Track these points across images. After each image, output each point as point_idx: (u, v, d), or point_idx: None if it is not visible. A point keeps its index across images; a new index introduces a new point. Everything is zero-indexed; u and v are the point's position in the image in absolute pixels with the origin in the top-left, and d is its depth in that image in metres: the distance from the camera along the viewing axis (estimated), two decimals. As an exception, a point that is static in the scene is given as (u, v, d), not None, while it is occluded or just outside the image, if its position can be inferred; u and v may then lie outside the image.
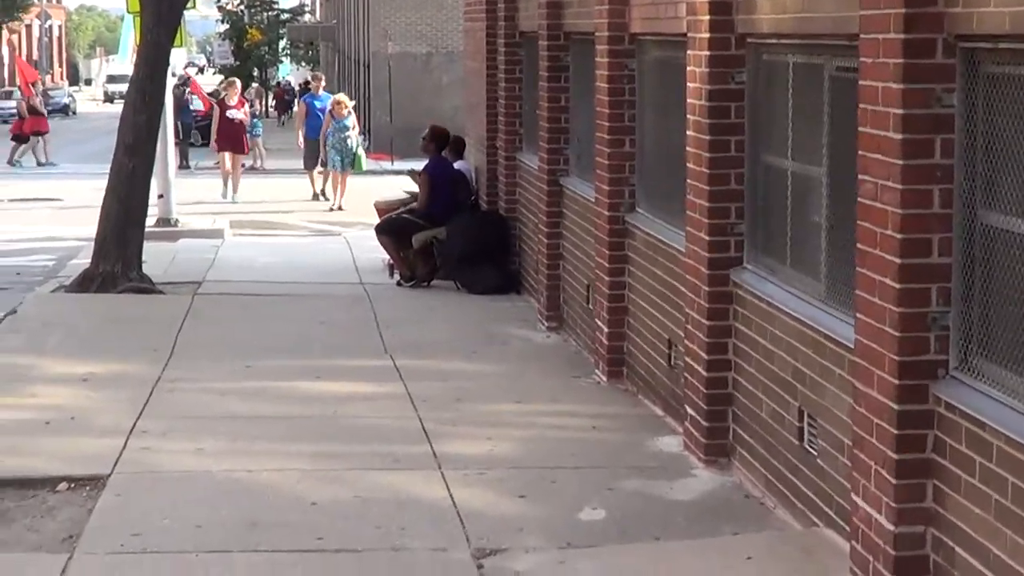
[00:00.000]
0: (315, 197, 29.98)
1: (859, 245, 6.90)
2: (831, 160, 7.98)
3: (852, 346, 7.24)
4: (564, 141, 14.65)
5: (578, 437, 10.36)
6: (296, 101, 67.97)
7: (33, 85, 46.28)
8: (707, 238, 9.27)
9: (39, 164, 42.16)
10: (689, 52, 9.50)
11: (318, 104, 30.34)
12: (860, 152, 6.86)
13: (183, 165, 40.52)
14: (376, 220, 19.11)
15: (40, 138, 43.21)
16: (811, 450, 8.14)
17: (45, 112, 45.47)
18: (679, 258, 10.47)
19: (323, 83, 33.69)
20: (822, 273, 8.15)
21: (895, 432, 6.63)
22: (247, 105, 32.38)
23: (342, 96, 30.09)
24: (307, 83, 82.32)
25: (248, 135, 41.54)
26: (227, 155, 30.52)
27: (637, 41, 11.79)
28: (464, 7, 20.55)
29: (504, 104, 17.34)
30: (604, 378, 12.24)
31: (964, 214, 6.46)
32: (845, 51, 7.65)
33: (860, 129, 6.82)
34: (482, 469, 9.43)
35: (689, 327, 9.69)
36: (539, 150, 15.06)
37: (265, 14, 69.66)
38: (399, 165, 34.09)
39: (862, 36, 6.78)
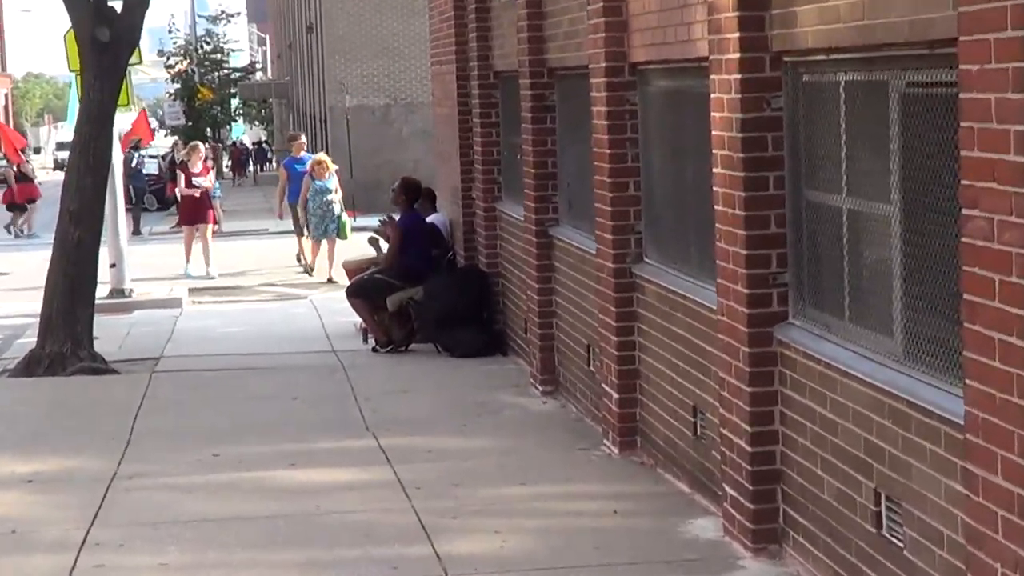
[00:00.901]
0: (306, 269, 26.14)
1: (967, 296, 5.59)
2: (904, 193, 6.69)
3: (955, 420, 5.94)
4: (552, 188, 13.37)
5: (599, 525, 9.02)
6: (250, 161, 66.76)
7: (22, 151, 44.38)
8: (745, 291, 7.96)
9: (17, 236, 40.40)
10: (713, 77, 8.23)
11: (300, 168, 26.32)
12: (965, 181, 5.55)
13: (136, 232, 39.15)
14: (345, 282, 17.80)
15: (30, 206, 41.63)
16: (894, 539, 6.82)
17: (35, 178, 43.70)
18: (702, 314, 9.18)
19: (304, 145, 28.36)
20: (896, 328, 6.85)
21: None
22: (212, 172, 28.97)
23: (323, 156, 26.46)
24: (261, 143, 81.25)
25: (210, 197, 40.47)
26: (194, 228, 27.31)
27: (639, 71, 10.53)
28: (431, 50, 19.26)
29: (480, 151, 16.05)
30: (615, 450, 10.91)
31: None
32: (920, 62, 6.38)
33: (964, 153, 5.51)
34: (495, 572, 8.08)
35: (725, 394, 8.37)
36: (524, 199, 13.77)
37: (216, 74, 68.37)
38: (362, 221, 32.66)
39: (962, 39, 5.48)
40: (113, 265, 22.32)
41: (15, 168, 42.64)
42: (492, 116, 15.90)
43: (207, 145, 50.52)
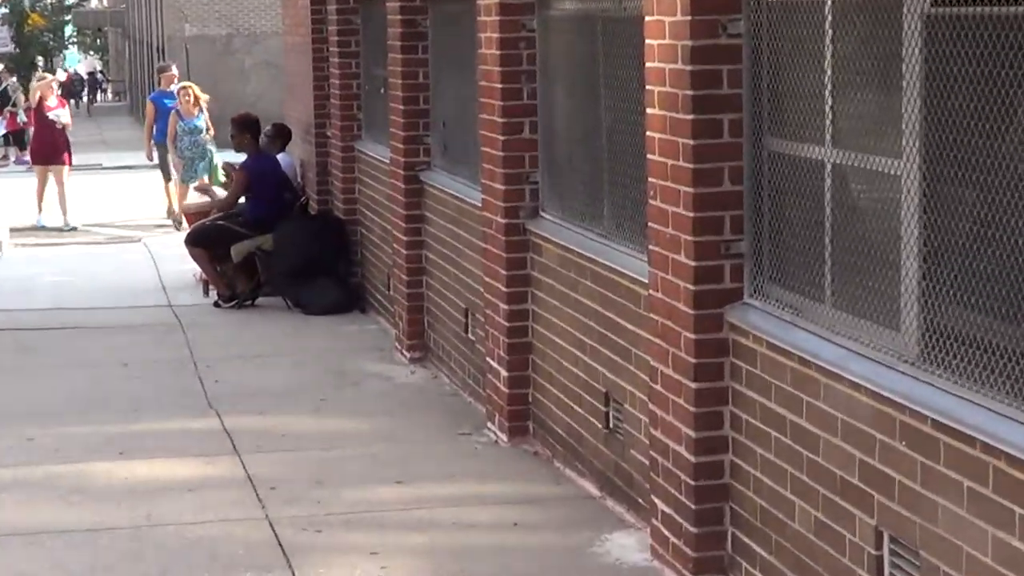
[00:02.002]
0: (174, 222, 21.42)
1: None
2: (924, 145, 5.13)
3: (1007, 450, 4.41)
4: (424, 127, 11.69)
5: (497, 542, 7.43)
6: (84, 91, 63.93)
7: None
8: (692, 263, 6.35)
9: None
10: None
11: (169, 103, 21.90)
12: None
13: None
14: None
15: None
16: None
17: None
18: (620, 284, 7.60)
19: (176, 77, 23.30)
20: (908, 318, 5.31)
21: None
22: (66, 107, 24.36)
23: (191, 84, 21.74)
24: (95, 73, 78.12)
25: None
26: (47, 169, 23.34)
27: (539, -8, 8.90)
28: (281, -29, 17.44)
29: (338, 84, 14.30)
30: (503, 436, 9.31)
31: None
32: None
33: None
34: (375, 614, 6.47)
35: (658, 388, 6.78)
36: (391, 139, 12.08)
37: (49, 0, 65.36)
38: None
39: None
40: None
41: None
42: (351, 45, 14.16)
43: (39, 74, 48.05)
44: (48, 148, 23.54)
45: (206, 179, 19.48)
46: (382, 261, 13.36)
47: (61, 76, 24.97)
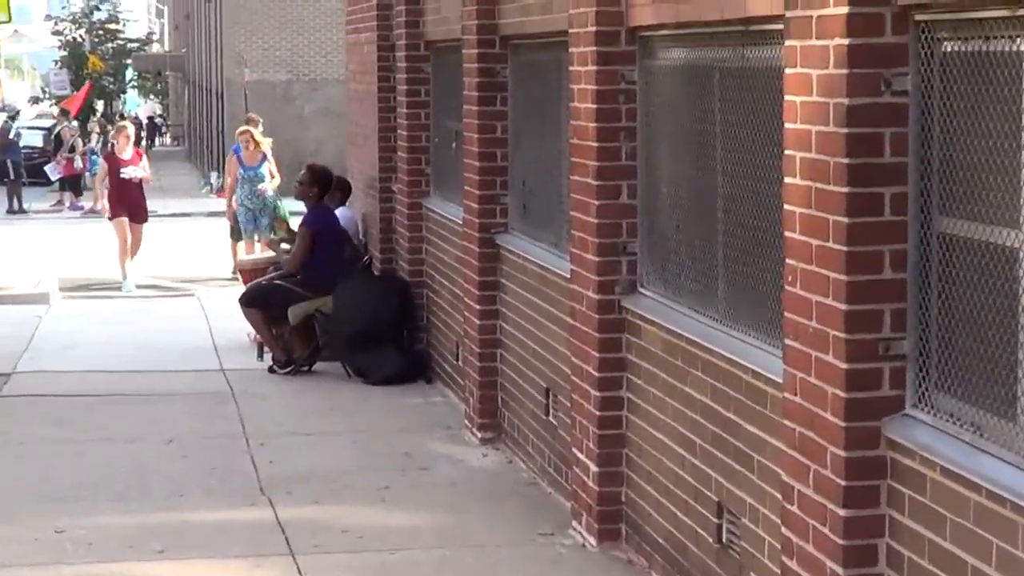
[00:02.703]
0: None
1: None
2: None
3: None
4: (501, 186, 10.67)
5: None
6: (144, 135, 63.39)
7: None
8: (843, 365, 5.26)
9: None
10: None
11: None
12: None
13: (15, 209, 35.98)
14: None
15: None
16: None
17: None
18: (740, 377, 6.54)
19: (259, 128, 20.93)
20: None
21: None
22: (144, 159, 21.57)
23: (253, 129, 20.10)
24: (153, 117, 77.72)
25: (88, 173, 37.29)
26: (124, 222, 20.80)
27: (639, 38, 7.84)
28: (347, 15, 16.47)
29: (406, 135, 13.31)
30: (591, 539, 8.22)
31: None
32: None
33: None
34: None
35: (794, 509, 5.67)
36: (464, 197, 11.05)
37: (110, 44, 64.83)
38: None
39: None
40: (-32, 254, 19.38)
41: None
42: (421, 94, 13.19)
43: (95, 118, 47.38)
44: (127, 203, 20.85)
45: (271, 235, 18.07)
46: (451, 328, 12.33)
47: (130, 127, 21.11)
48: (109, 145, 25.79)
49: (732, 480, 6.70)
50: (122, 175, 20.90)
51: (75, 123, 40.37)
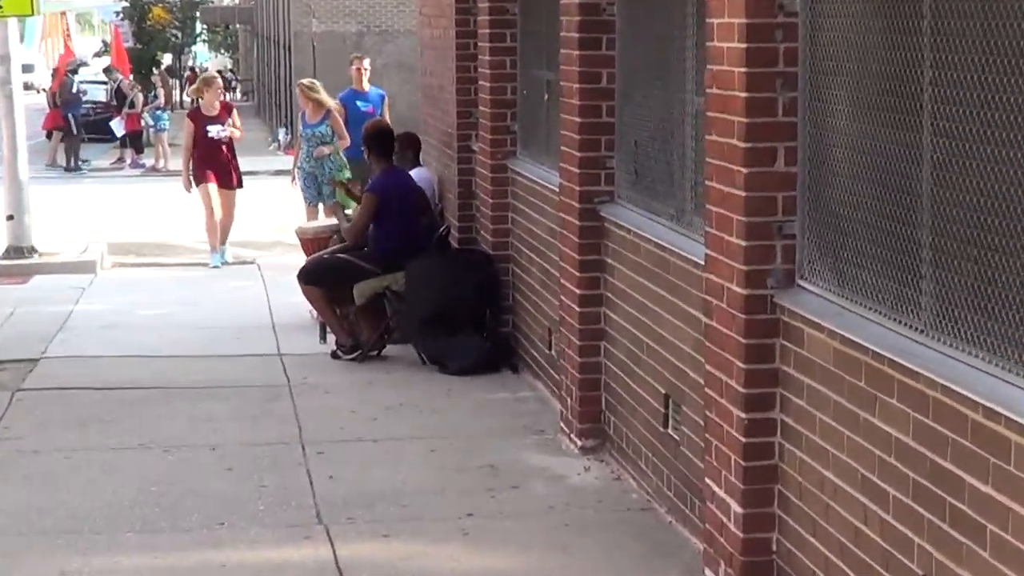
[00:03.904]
0: None
1: None
2: None
3: None
4: (607, 147, 8.88)
5: None
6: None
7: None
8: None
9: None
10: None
11: (362, 106, 17.22)
12: None
13: (72, 167, 34.46)
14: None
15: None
16: None
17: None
18: (969, 417, 4.75)
19: (367, 71, 18.08)
20: None
21: None
22: (233, 114, 18.37)
23: (313, 84, 17.09)
24: (223, 71, 76.20)
25: (152, 129, 35.64)
26: (212, 189, 17.79)
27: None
28: (419, -48, 14.70)
29: (489, 88, 11.54)
30: (731, 593, 6.47)
31: None
32: None
33: None
34: None
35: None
36: (561, 160, 9.27)
37: (176, -5, 63.20)
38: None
39: None
40: (11, 217, 17.78)
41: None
42: (507, 39, 11.40)
43: (158, 72, 45.78)
44: (215, 165, 17.82)
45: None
46: (542, 312, 10.58)
47: (218, 80, 19.29)
48: (193, 101, 23.42)
49: (946, 550, 4.92)
50: (209, 134, 17.75)
51: (131, 77, 38.63)
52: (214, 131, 17.73)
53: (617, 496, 8.26)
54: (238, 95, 73.55)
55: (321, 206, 16.19)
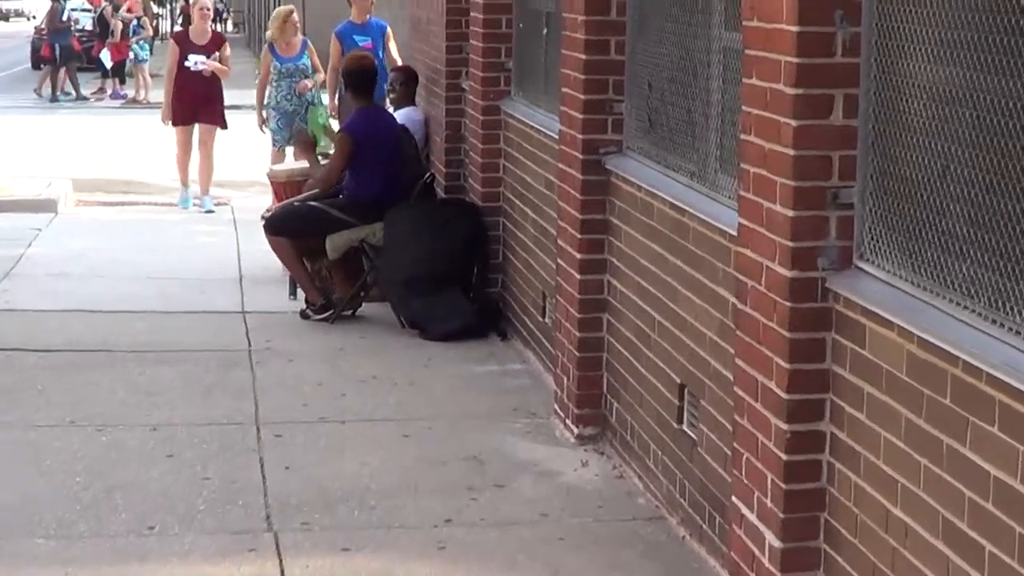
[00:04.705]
0: None
1: None
2: None
3: None
4: (615, 89, 7.62)
5: None
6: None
7: None
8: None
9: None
10: None
11: (360, 40, 14.56)
12: None
13: (54, 97, 33.03)
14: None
15: None
16: None
17: None
18: None
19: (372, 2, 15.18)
20: None
21: None
22: (224, 48, 16.56)
23: (288, 10, 15.50)
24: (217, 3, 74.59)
25: (131, 61, 34.17)
26: (192, 129, 16.33)
27: None
28: None
29: (481, 21, 10.27)
30: (762, 642, 5.26)
31: None
32: None
33: None
34: None
35: None
36: (563, 103, 8.01)
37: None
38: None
39: None
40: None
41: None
42: (502, -36, 10.14)
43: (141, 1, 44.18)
44: (196, 100, 16.12)
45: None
46: (536, 274, 9.35)
47: (207, 2, 16.59)
48: (180, 22, 21.42)
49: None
50: (187, 63, 15.97)
51: (108, 5, 37.11)
52: (192, 61, 16.18)
53: (621, 500, 7.05)
54: (229, 27, 71.96)
55: (291, 149, 14.83)
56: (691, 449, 6.50)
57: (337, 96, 14.54)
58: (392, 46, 14.58)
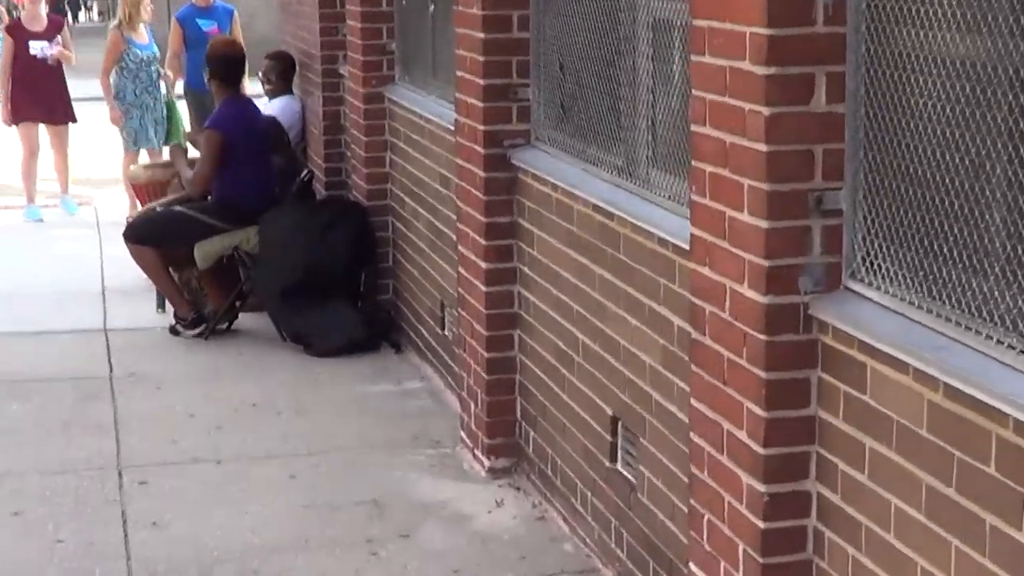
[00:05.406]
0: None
1: None
2: None
3: None
4: (519, 71, 6.63)
5: None
6: (66, 9, 58.48)
7: None
8: None
9: None
10: None
11: (206, 26, 13.31)
12: None
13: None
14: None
15: None
16: None
17: None
18: None
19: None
20: None
21: None
22: (63, 32, 14.88)
23: None
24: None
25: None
26: (37, 128, 14.76)
27: None
28: None
29: (359, -3, 9.25)
30: None
31: None
32: None
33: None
34: None
35: None
36: (458, 89, 7.00)
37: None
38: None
39: None
40: None
41: None
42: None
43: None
44: (40, 95, 14.57)
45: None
46: (432, 280, 8.35)
47: None
48: (10, 13, 19.85)
49: None
50: (31, 51, 14.45)
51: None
52: (37, 48, 14.75)
53: (545, 548, 6.08)
54: (95, 15, 70.08)
55: (145, 150, 13.65)
56: (629, 493, 5.54)
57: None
58: (238, 31, 13.35)
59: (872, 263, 3.83)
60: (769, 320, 3.96)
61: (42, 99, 14.62)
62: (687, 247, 4.57)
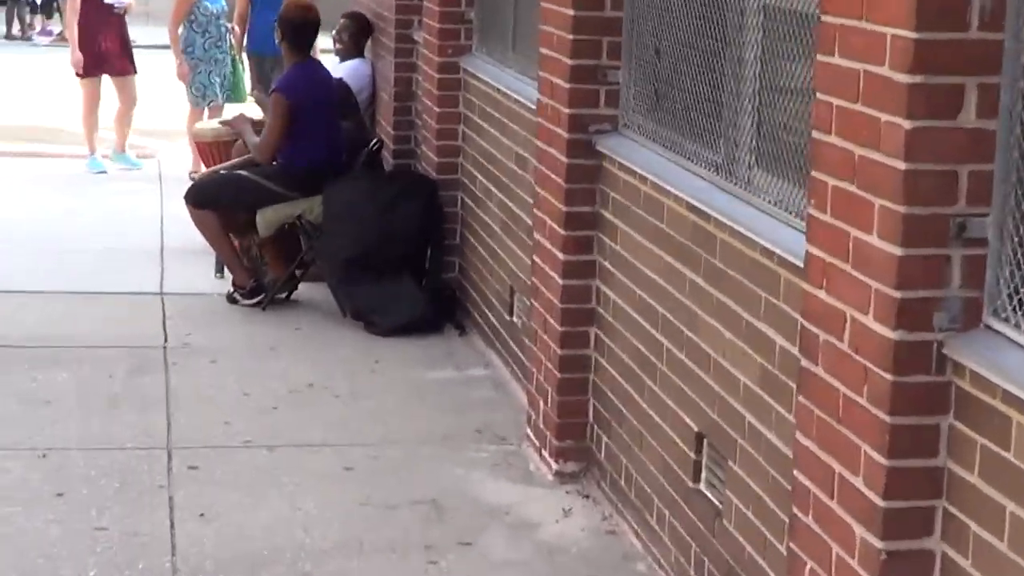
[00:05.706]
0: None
1: None
2: None
3: None
4: (610, 53, 6.21)
5: None
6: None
7: None
8: None
9: None
10: None
11: None
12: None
13: (18, 35, 31.05)
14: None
15: None
16: None
17: None
18: None
19: None
20: None
21: None
22: None
23: None
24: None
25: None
26: (100, 80, 14.16)
27: None
28: None
29: (440, -40, 8.83)
30: None
31: None
32: None
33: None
34: None
35: None
36: (541, 67, 6.59)
37: None
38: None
39: None
40: None
41: None
42: None
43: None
44: (104, 45, 13.92)
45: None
46: (502, 264, 7.96)
47: None
48: None
49: None
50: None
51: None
52: None
53: (616, 566, 5.69)
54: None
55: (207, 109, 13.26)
56: (713, 518, 5.13)
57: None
58: None
59: (1020, 300, 3.40)
60: (897, 358, 3.54)
61: (111, 49, 14.20)
62: (796, 262, 4.17)
